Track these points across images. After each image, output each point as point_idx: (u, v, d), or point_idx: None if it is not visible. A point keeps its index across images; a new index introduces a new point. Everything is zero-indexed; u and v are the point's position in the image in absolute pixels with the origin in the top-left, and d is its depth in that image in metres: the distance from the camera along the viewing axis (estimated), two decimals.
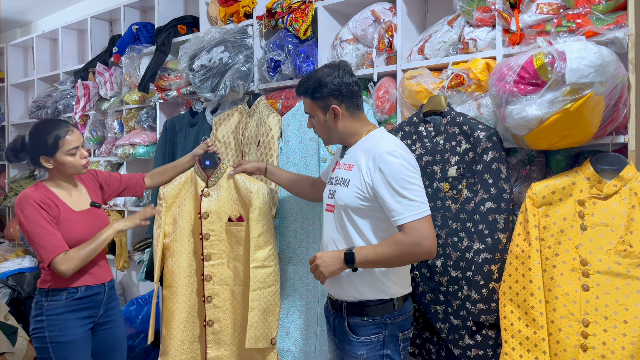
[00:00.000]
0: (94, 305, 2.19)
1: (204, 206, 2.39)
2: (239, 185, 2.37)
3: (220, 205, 2.38)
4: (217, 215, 2.39)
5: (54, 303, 2.10)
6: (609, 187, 1.73)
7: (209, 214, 2.38)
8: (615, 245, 1.70)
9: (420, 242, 1.65)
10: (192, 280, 2.45)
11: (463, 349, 1.96)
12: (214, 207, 2.38)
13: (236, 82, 2.77)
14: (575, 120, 1.69)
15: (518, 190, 2.01)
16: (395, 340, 1.80)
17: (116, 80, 3.68)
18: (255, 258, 2.29)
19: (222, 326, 2.42)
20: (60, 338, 2.09)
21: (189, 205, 2.43)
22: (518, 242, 1.84)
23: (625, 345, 1.66)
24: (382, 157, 1.71)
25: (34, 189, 2.12)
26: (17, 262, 4.32)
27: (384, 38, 2.36)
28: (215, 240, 2.40)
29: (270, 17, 2.72)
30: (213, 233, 2.39)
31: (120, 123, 3.73)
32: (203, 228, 2.39)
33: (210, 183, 2.40)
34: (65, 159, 2.10)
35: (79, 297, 2.13)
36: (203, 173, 2.41)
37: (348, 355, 1.82)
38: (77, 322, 2.13)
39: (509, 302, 1.83)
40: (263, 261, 2.30)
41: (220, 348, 2.43)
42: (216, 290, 2.41)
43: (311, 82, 1.82)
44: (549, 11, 1.90)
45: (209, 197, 2.39)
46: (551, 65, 1.67)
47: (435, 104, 2.07)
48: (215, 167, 2.39)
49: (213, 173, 2.39)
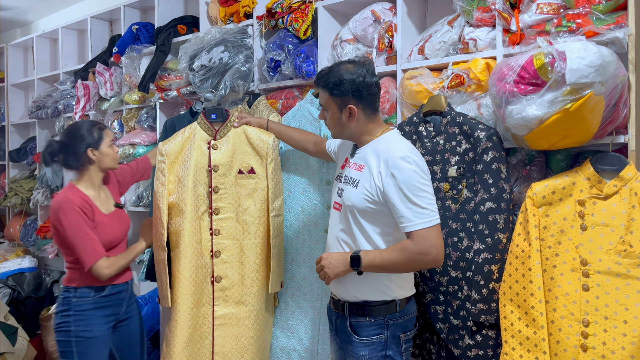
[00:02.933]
0: (117, 303, 2.29)
1: (214, 159, 2.34)
2: (251, 137, 2.33)
3: (230, 157, 2.34)
4: (227, 167, 2.34)
5: (83, 300, 2.21)
6: (609, 187, 1.73)
7: (219, 166, 2.33)
8: (615, 245, 1.70)
9: (428, 251, 1.64)
10: (198, 237, 2.36)
11: (463, 349, 1.96)
12: (224, 160, 2.34)
13: (236, 82, 2.77)
14: (575, 120, 1.69)
15: (518, 190, 2.01)
16: (398, 341, 1.79)
17: (116, 80, 3.68)
18: (274, 207, 2.34)
19: (230, 282, 2.37)
20: (84, 333, 2.19)
21: (194, 160, 2.35)
22: (518, 242, 1.84)
23: (625, 345, 1.66)
24: (396, 162, 1.68)
25: (71, 192, 2.21)
26: (17, 262, 4.32)
27: (384, 38, 2.36)
28: (225, 193, 2.35)
29: (270, 17, 2.72)
30: (222, 186, 2.34)
31: (120, 123, 3.73)
32: (213, 181, 2.34)
33: (219, 135, 2.35)
34: (108, 150, 2.29)
35: (105, 295, 2.25)
36: (210, 126, 2.36)
37: (350, 355, 1.82)
38: (101, 319, 2.24)
39: (509, 302, 1.83)
40: (279, 210, 2.36)
41: (227, 306, 2.37)
42: (225, 244, 2.36)
43: (332, 77, 1.75)
44: (549, 11, 1.90)
45: (217, 150, 2.34)
46: (551, 65, 1.67)
47: (435, 104, 2.07)
48: (224, 120, 2.36)
49: (222, 125, 2.36)
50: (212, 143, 2.35)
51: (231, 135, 2.35)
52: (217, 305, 2.37)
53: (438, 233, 1.67)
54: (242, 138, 2.35)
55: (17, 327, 3.29)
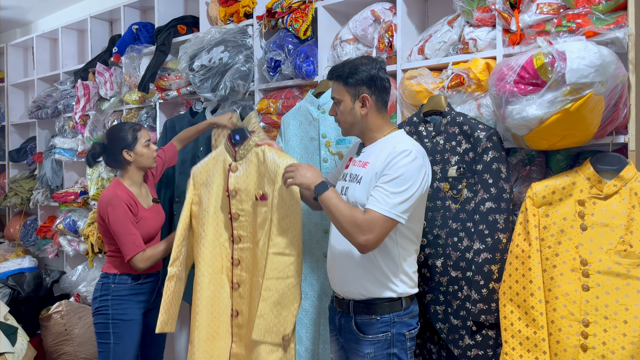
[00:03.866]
0: (150, 291, 2.47)
1: (232, 182, 2.12)
2: (267, 159, 2.06)
3: (249, 181, 2.11)
4: (246, 192, 2.11)
5: (121, 286, 2.40)
6: (609, 187, 1.73)
7: (237, 191, 2.12)
8: (615, 245, 1.70)
9: (368, 232, 1.66)
10: (218, 266, 2.17)
11: (463, 349, 1.96)
12: (242, 184, 2.11)
13: (236, 82, 2.78)
14: (575, 120, 1.69)
15: (518, 190, 2.01)
16: (403, 339, 1.80)
17: (116, 80, 3.68)
18: (276, 243, 2.00)
19: (244, 320, 2.15)
20: (122, 316, 2.38)
21: (217, 183, 2.18)
22: (518, 242, 1.84)
23: (625, 345, 1.66)
24: (396, 154, 1.71)
25: (119, 188, 2.37)
26: (17, 262, 4.32)
27: (384, 38, 2.36)
28: (245, 221, 2.13)
29: (270, 17, 2.72)
30: (242, 213, 2.13)
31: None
32: (232, 207, 2.14)
33: (238, 156, 2.13)
34: (143, 151, 2.40)
35: (141, 282, 2.44)
36: (232, 149, 2.15)
37: (354, 354, 1.81)
38: (136, 304, 2.42)
39: (509, 302, 1.83)
40: (284, 248, 2.01)
41: (241, 345, 2.16)
42: (243, 277, 2.15)
43: (347, 67, 1.80)
44: (549, 11, 1.90)
45: (236, 173, 2.12)
46: (551, 65, 1.67)
47: (435, 104, 2.07)
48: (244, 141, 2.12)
49: (242, 145, 2.12)
50: (232, 165, 2.13)
51: (251, 157, 2.11)
52: (234, 342, 2.17)
53: (386, 230, 1.68)
54: (261, 160, 2.08)
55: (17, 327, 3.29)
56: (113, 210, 2.32)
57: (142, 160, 2.42)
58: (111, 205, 2.33)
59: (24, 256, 4.48)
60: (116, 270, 2.42)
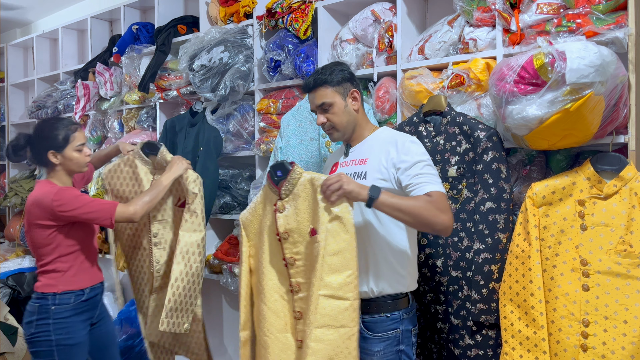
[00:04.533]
0: (94, 306, 2.24)
1: (281, 224, 1.81)
2: (317, 189, 1.75)
3: (300, 219, 1.79)
4: (299, 233, 1.80)
5: (62, 306, 2.12)
6: (609, 187, 1.73)
7: (288, 233, 1.80)
8: (615, 245, 1.70)
9: (445, 211, 1.65)
10: (281, 324, 1.84)
11: (463, 348, 1.96)
12: (293, 224, 1.80)
13: (236, 82, 2.77)
14: (575, 120, 1.69)
15: (518, 190, 2.01)
16: (409, 335, 1.81)
17: (116, 80, 3.68)
18: (327, 284, 1.68)
19: None
20: (67, 341, 2.11)
21: (267, 227, 1.88)
22: (518, 242, 1.84)
23: (625, 345, 1.66)
24: (406, 143, 1.76)
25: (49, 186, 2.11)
26: (17, 262, 4.32)
27: (384, 38, 2.36)
28: (302, 265, 1.80)
29: (270, 17, 2.72)
30: (299, 257, 1.80)
31: (121, 123, 3.73)
32: (285, 251, 1.82)
33: (283, 193, 1.81)
34: (73, 155, 2.14)
35: (85, 299, 2.18)
36: (274, 187, 1.84)
37: (363, 352, 1.79)
38: (81, 324, 2.17)
39: (509, 302, 1.83)
40: (337, 289, 1.68)
41: None
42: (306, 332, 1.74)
43: (328, 70, 1.83)
44: (549, 11, 1.90)
45: (284, 212, 1.82)
46: (551, 65, 1.67)
47: (435, 104, 2.07)
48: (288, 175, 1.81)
49: (285, 181, 1.80)
50: (278, 204, 1.82)
51: (299, 191, 1.79)
52: None
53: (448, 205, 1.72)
54: (310, 192, 1.78)
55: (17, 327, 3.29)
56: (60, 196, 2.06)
57: (70, 165, 2.16)
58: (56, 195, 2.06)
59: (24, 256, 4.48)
60: (55, 288, 2.12)
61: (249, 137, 2.91)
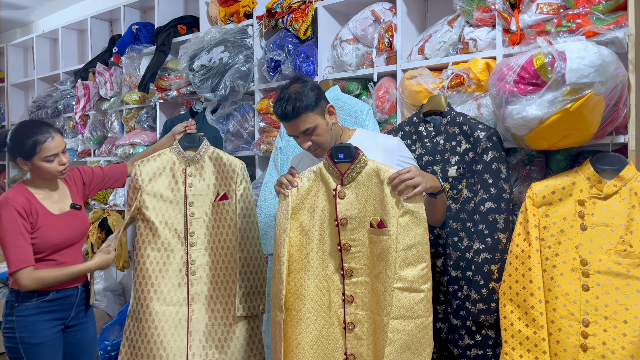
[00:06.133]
0: (65, 308, 2.15)
1: (341, 210, 1.83)
2: (383, 181, 1.77)
3: (362, 208, 1.82)
4: (358, 221, 1.83)
5: (24, 305, 2.07)
6: (609, 187, 1.73)
7: (347, 220, 1.83)
8: (615, 245, 1.70)
9: None
10: (326, 303, 1.88)
11: (463, 348, 1.96)
12: (353, 212, 1.83)
13: (236, 82, 2.78)
14: (575, 120, 1.69)
15: (518, 190, 2.01)
16: None
17: (116, 80, 3.68)
18: (402, 277, 1.73)
19: None
20: (30, 339, 2.06)
21: (321, 208, 1.89)
22: (518, 242, 1.84)
23: (625, 345, 1.66)
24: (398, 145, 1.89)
25: (16, 191, 2.08)
26: None
27: (384, 38, 2.36)
28: (358, 252, 1.84)
29: (270, 17, 2.72)
30: (354, 243, 1.84)
31: (121, 123, 3.74)
32: (342, 237, 1.84)
33: (345, 180, 1.83)
34: (42, 165, 2.06)
35: (49, 300, 2.10)
36: (335, 169, 1.83)
37: None
38: (46, 323, 2.10)
39: (509, 302, 1.83)
40: (412, 282, 1.73)
41: None
42: (359, 316, 1.84)
43: (302, 95, 1.78)
44: (549, 11, 1.90)
45: (345, 199, 1.84)
46: (551, 65, 1.67)
47: (435, 104, 2.07)
48: (353, 161, 1.81)
49: (350, 168, 1.81)
50: (339, 190, 1.83)
51: (362, 180, 1.81)
52: None
53: None
54: (375, 182, 1.80)
55: None
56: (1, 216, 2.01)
57: (41, 172, 2.09)
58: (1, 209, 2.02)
59: None
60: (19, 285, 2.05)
61: (249, 137, 2.91)
